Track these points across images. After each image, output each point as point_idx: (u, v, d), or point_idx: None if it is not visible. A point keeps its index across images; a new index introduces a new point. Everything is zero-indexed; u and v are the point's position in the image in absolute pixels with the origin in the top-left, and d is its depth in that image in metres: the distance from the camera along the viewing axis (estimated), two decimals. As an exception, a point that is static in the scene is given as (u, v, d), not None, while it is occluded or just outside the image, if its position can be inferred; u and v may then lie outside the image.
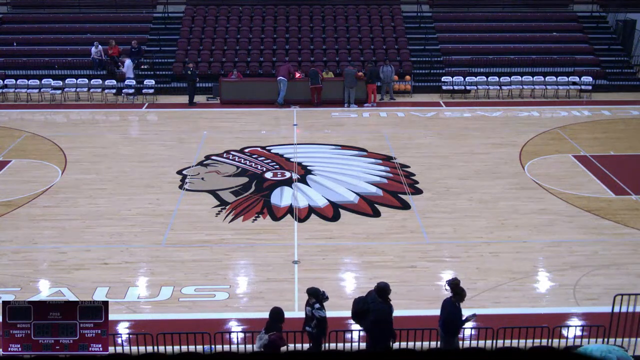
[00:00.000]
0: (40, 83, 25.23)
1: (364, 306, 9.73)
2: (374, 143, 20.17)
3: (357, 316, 9.82)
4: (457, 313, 9.69)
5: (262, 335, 9.56)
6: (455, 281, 9.79)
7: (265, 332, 9.55)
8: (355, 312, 9.82)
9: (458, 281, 9.82)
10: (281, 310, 9.70)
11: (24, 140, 20.51)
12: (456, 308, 9.69)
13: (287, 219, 15.15)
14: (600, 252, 13.72)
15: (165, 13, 29.38)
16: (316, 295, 9.89)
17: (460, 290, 9.70)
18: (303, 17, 29.19)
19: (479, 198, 16.24)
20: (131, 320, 11.50)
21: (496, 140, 20.58)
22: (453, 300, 9.71)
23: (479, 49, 27.74)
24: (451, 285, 9.75)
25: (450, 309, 9.71)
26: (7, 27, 29.15)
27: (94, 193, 16.53)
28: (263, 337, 9.51)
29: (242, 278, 12.99)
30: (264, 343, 9.44)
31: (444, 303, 9.89)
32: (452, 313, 9.69)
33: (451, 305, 9.72)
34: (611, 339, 10.19)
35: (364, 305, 9.74)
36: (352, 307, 9.89)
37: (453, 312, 9.69)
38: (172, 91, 25.81)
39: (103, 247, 13.89)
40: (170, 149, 19.82)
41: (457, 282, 9.76)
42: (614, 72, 27.19)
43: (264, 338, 9.48)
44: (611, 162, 18.57)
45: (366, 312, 9.69)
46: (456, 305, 9.69)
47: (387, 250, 13.79)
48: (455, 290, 9.70)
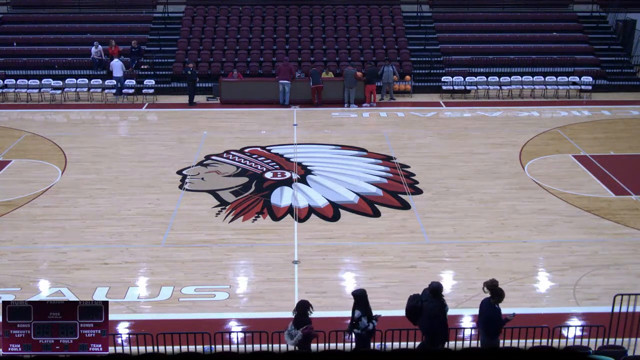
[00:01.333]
0: (40, 83, 25.24)
1: (417, 303, 9.76)
2: (374, 143, 20.18)
3: (410, 313, 9.84)
4: (497, 313, 9.67)
5: (293, 331, 9.51)
6: (494, 282, 9.75)
7: (295, 327, 9.49)
8: (408, 308, 9.85)
9: (496, 282, 9.78)
10: (308, 302, 9.70)
11: (24, 140, 20.52)
12: (495, 309, 9.68)
13: (287, 219, 15.16)
14: (600, 252, 13.72)
15: (165, 13, 29.39)
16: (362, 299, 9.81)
17: (499, 290, 9.70)
18: (303, 17, 29.20)
19: (479, 198, 16.24)
20: (131, 320, 11.50)
21: (496, 140, 20.58)
22: (492, 301, 9.69)
23: (479, 49, 27.74)
24: (490, 286, 9.73)
25: (489, 310, 9.69)
26: (7, 27, 29.16)
27: (94, 193, 16.53)
28: (295, 333, 9.45)
29: (242, 278, 12.99)
30: (298, 339, 9.40)
31: (482, 304, 9.88)
32: (491, 314, 9.68)
33: (490, 306, 9.70)
34: (611, 339, 10.19)
35: (417, 302, 9.76)
36: (407, 304, 9.91)
37: (492, 313, 9.67)
38: (172, 91, 25.82)
39: (103, 247, 13.89)
40: (170, 149, 19.82)
41: (495, 283, 9.73)
42: (614, 72, 27.19)
43: (297, 334, 9.43)
44: (611, 162, 18.57)
45: (419, 309, 9.72)
46: (495, 306, 9.68)
47: (387, 250, 13.79)
48: (494, 292, 9.69)
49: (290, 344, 9.61)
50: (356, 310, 9.89)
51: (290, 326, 9.67)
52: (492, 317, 9.69)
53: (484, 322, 9.78)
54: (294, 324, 9.63)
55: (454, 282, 12.76)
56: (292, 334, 9.55)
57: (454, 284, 12.71)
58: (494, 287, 9.71)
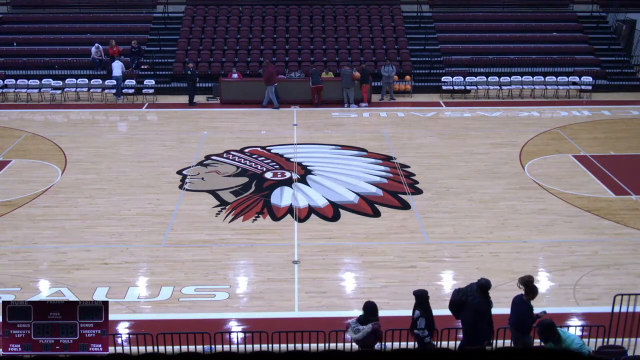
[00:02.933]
0: (40, 83, 25.24)
1: (462, 297, 9.71)
2: (374, 143, 20.18)
3: (454, 306, 9.81)
4: (529, 310, 9.63)
5: (357, 326, 9.48)
6: (530, 279, 9.68)
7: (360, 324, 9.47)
8: (453, 301, 9.82)
9: (532, 279, 9.72)
10: (375, 304, 9.67)
11: (24, 140, 20.52)
12: (528, 305, 9.63)
13: (287, 219, 15.16)
14: (600, 252, 13.72)
15: (165, 13, 29.38)
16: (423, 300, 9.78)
17: (534, 288, 9.64)
18: (303, 17, 29.20)
19: (479, 198, 16.24)
20: (131, 320, 11.50)
21: (496, 140, 20.58)
22: (525, 298, 9.64)
23: (479, 49, 27.74)
24: (525, 282, 9.66)
25: (522, 307, 9.65)
26: (7, 27, 29.16)
27: (94, 193, 16.53)
28: (362, 327, 9.42)
29: (242, 278, 12.99)
30: (367, 331, 9.36)
31: (514, 301, 9.84)
32: (523, 310, 9.63)
33: (523, 303, 9.66)
34: (611, 339, 10.19)
35: (462, 296, 9.72)
36: (451, 297, 9.89)
37: (525, 310, 9.63)
38: (172, 91, 25.82)
39: (103, 247, 13.89)
40: (170, 149, 19.83)
41: (531, 280, 9.66)
42: (614, 72, 27.19)
43: (365, 328, 9.39)
44: (611, 162, 18.57)
45: (463, 303, 9.68)
46: (528, 303, 9.63)
47: (387, 250, 13.79)
48: (528, 288, 9.62)
49: (355, 338, 9.53)
50: (416, 310, 9.84)
51: (353, 322, 9.62)
52: (524, 313, 9.62)
53: (516, 319, 9.73)
54: (359, 322, 9.58)
55: (454, 282, 12.75)
56: (359, 328, 9.49)
57: (454, 284, 12.68)
58: (528, 283, 9.62)
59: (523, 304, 9.64)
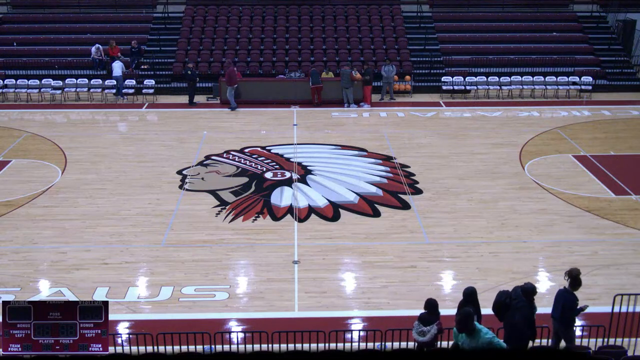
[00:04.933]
0: (40, 83, 25.24)
1: (505, 299, 9.72)
2: (374, 143, 20.18)
3: (498, 308, 9.81)
4: (574, 300, 9.72)
5: (421, 327, 9.46)
6: (578, 272, 9.77)
7: (422, 324, 9.46)
8: (496, 303, 9.82)
9: (579, 272, 9.82)
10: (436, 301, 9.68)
11: (24, 140, 20.52)
12: (573, 295, 9.72)
13: (287, 219, 15.16)
14: (600, 252, 13.72)
15: (165, 13, 29.38)
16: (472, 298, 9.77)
17: (579, 281, 9.74)
18: (303, 17, 29.20)
19: (479, 198, 16.24)
20: (131, 320, 11.50)
21: (496, 140, 20.58)
22: (570, 289, 9.73)
23: (479, 49, 27.74)
24: (571, 275, 9.76)
25: (569, 297, 9.73)
26: (7, 27, 29.16)
27: (94, 193, 16.53)
28: (428, 329, 9.41)
29: (242, 278, 12.99)
30: (434, 332, 9.37)
31: (558, 293, 9.93)
32: (570, 301, 9.71)
33: (567, 293, 9.75)
34: (611, 339, 10.19)
35: (506, 298, 9.73)
36: (495, 298, 9.89)
37: (570, 300, 9.71)
38: (172, 91, 25.82)
39: (103, 247, 13.89)
40: (170, 149, 19.83)
41: (578, 273, 9.77)
42: (614, 72, 27.19)
43: (432, 329, 9.38)
44: (611, 162, 18.58)
45: (507, 306, 9.69)
46: (573, 293, 9.71)
47: (387, 250, 13.79)
48: (574, 280, 9.73)
49: (422, 340, 9.49)
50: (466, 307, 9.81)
51: (417, 324, 9.59)
52: (569, 303, 9.71)
53: (561, 310, 9.79)
54: (421, 321, 9.57)
55: (454, 282, 12.76)
56: (425, 330, 9.47)
57: (454, 284, 12.70)
58: (575, 276, 9.73)
59: (570, 295, 9.76)
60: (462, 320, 8.62)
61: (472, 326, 8.55)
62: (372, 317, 11.52)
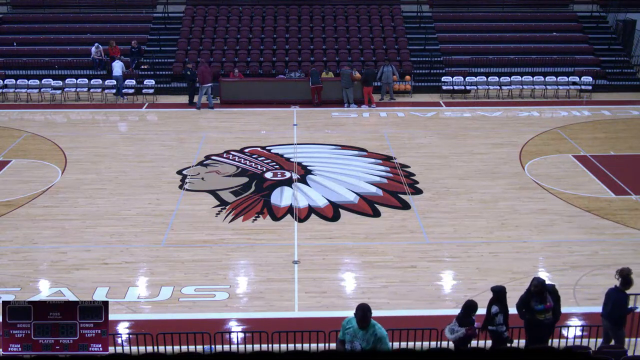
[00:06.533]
0: (40, 83, 25.25)
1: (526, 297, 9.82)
2: (374, 143, 20.18)
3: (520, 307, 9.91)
4: (624, 299, 9.74)
5: (455, 327, 9.48)
6: (629, 272, 9.79)
7: (459, 324, 9.48)
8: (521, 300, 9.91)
9: (630, 271, 9.83)
10: (476, 304, 9.68)
11: (24, 140, 20.52)
12: (623, 294, 9.74)
13: (287, 219, 15.16)
14: (600, 252, 13.72)
15: (165, 13, 29.39)
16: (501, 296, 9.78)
17: (631, 280, 9.77)
18: (303, 17, 29.20)
19: (479, 198, 16.24)
20: (131, 320, 11.50)
21: (496, 140, 20.58)
22: (621, 288, 9.76)
23: (479, 49, 27.74)
24: (622, 274, 9.77)
25: (619, 296, 9.75)
26: (7, 27, 29.16)
27: (94, 193, 16.53)
28: (458, 329, 9.43)
29: (242, 278, 12.99)
30: (459, 336, 9.39)
31: (609, 292, 9.95)
32: (621, 300, 9.73)
33: (620, 292, 9.77)
34: (611, 339, 10.19)
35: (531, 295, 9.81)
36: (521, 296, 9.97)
37: (620, 297, 9.73)
38: (172, 91, 25.83)
39: (103, 247, 13.89)
40: (170, 149, 19.83)
41: (629, 272, 9.78)
42: (614, 72, 27.19)
43: (460, 331, 9.41)
44: (611, 162, 18.58)
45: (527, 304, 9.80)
46: (623, 292, 9.73)
47: (387, 250, 13.79)
48: (625, 279, 9.74)
49: (450, 338, 9.54)
50: (493, 306, 9.79)
51: (453, 322, 9.62)
52: (619, 301, 9.73)
53: (611, 308, 9.81)
54: (458, 321, 9.58)
55: (454, 282, 12.76)
56: (454, 329, 9.50)
57: (454, 284, 12.71)
58: (626, 275, 9.75)
59: (621, 294, 9.78)
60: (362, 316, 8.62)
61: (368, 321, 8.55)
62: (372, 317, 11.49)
